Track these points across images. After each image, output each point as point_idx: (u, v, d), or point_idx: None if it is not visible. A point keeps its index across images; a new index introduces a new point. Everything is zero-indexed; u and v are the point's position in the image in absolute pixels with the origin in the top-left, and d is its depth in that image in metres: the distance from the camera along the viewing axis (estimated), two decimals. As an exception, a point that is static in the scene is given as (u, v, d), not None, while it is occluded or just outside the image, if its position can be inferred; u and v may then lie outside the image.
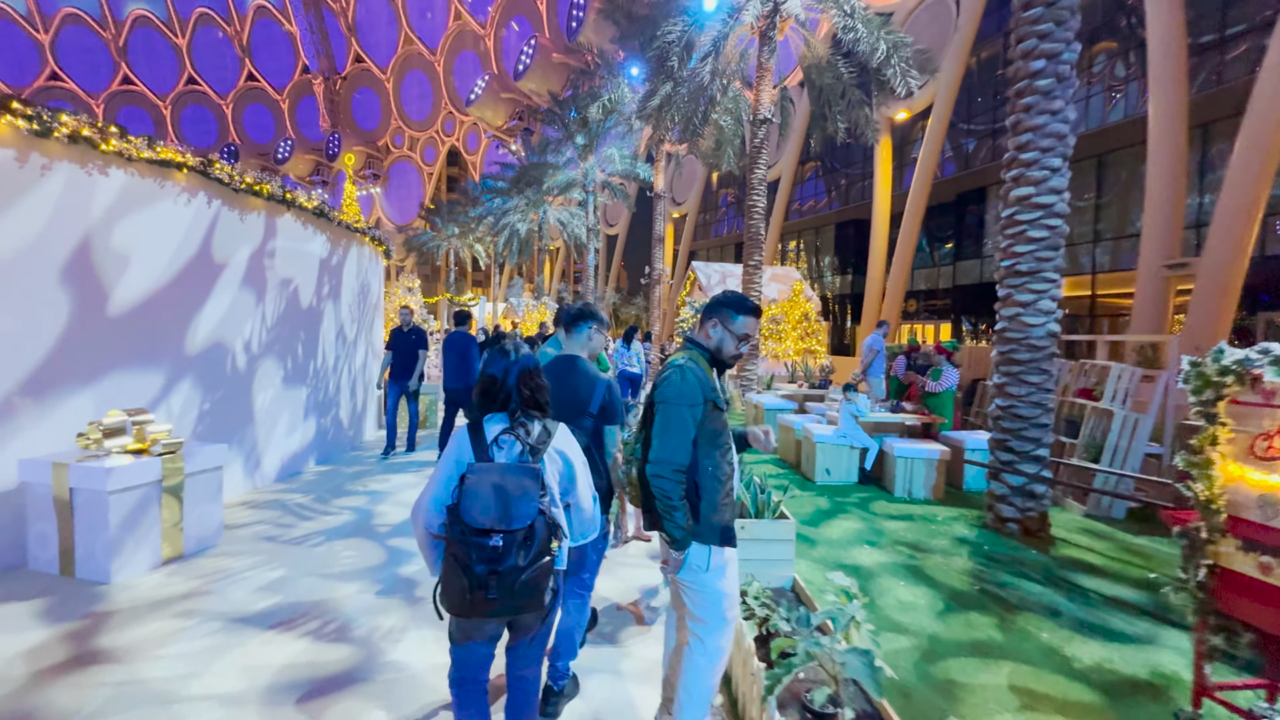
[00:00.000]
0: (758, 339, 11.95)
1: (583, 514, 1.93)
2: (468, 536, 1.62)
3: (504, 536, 1.61)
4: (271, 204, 5.59)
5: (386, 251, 9.03)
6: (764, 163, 11.59)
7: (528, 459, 1.76)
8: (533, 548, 1.64)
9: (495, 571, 1.60)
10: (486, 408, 1.84)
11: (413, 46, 58.46)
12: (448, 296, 33.37)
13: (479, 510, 1.62)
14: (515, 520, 1.62)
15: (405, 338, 6.95)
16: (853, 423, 6.03)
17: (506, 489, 1.64)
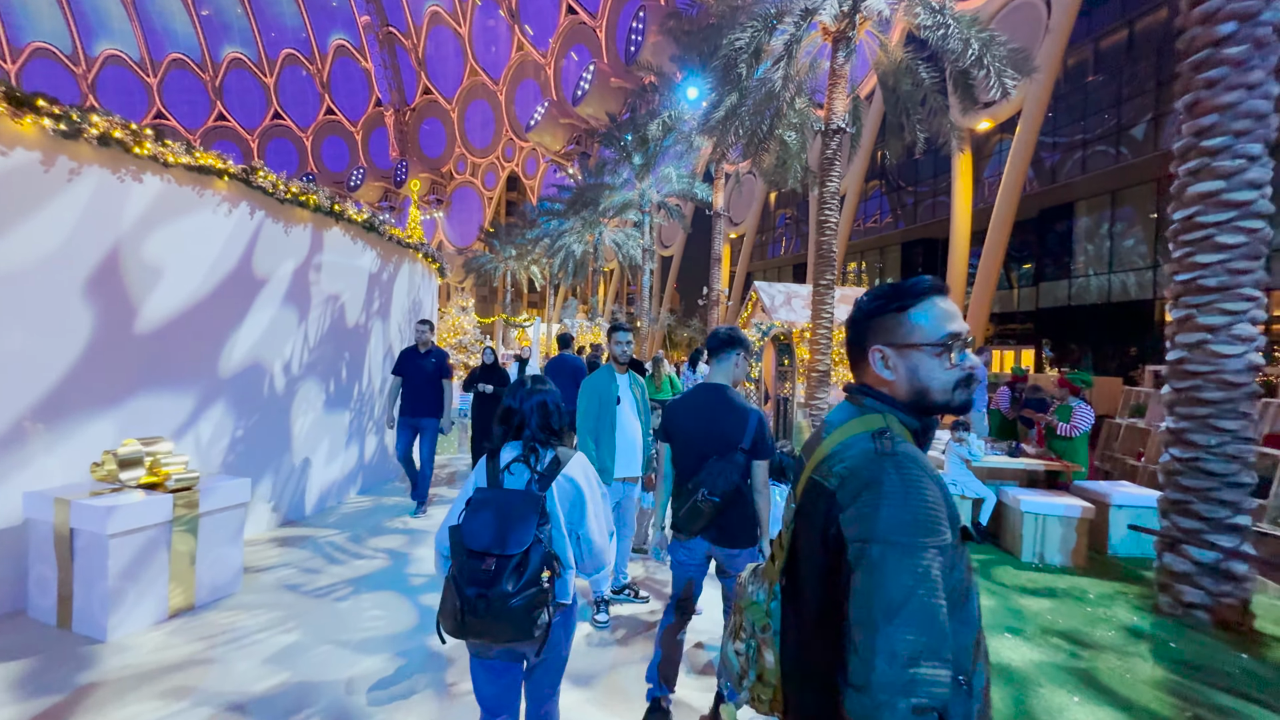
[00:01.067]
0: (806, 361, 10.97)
1: (592, 547, 1.85)
2: (463, 559, 1.63)
3: (497, 561, 1.61)
4: (318, 216, 5.25)
5: (441, 269, 8.72)
6: (836, 175, 10.74)
7: (535, 486, 1.76)
8: (524, 575, 1.61)
9: (484, 595, 1.58)
10: (505, 436, 1.87)
11: (477, 78, 60.82)
12: (504, 317, 33.68)
13: (476, 533, 1.64)
14: (509, 545, 1.62)
15: (421, 362, 5.30)
16: (963, 468, 5.08)
17: (504, 514, 1.66)
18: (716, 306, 17.55)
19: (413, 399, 5.31)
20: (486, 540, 1.63)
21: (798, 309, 13.81)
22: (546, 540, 1.68)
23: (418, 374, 5.30)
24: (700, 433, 2.45)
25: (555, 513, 1.76)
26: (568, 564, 1.81)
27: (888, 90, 11.82)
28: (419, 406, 5.31)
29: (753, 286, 14.56)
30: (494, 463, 1.82)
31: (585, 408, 3.59)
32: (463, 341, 9.80)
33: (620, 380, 3.66)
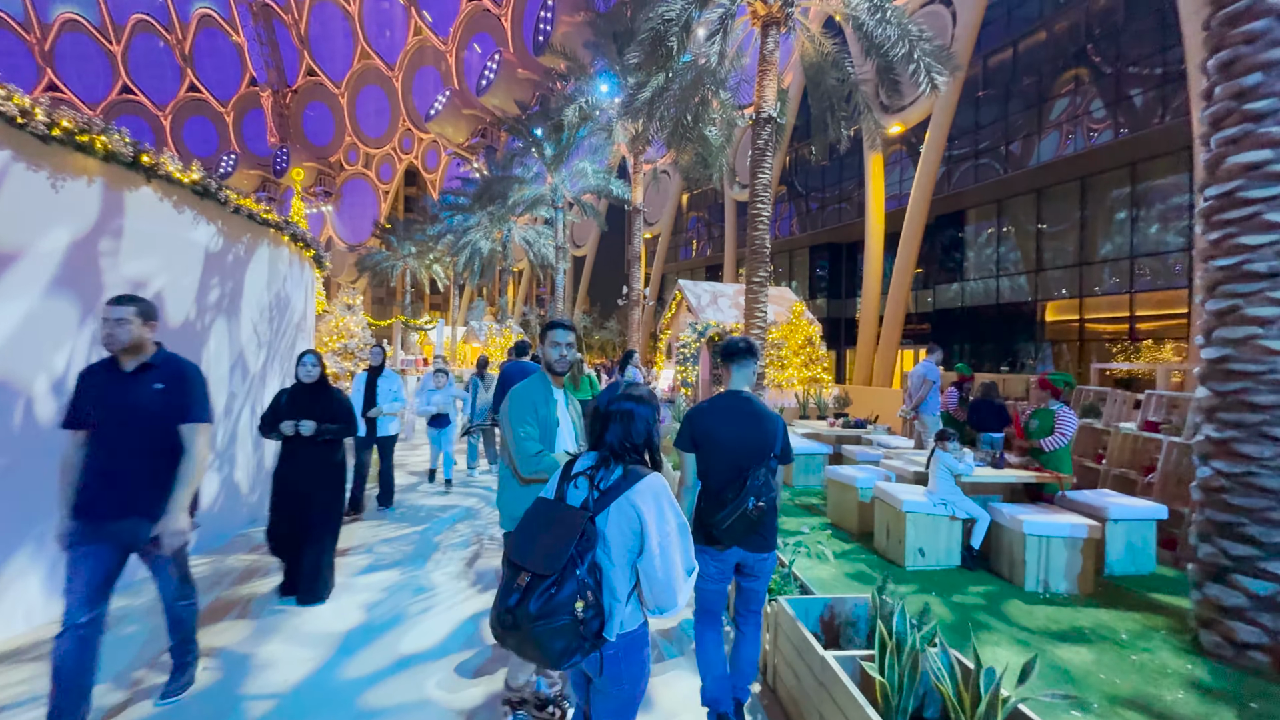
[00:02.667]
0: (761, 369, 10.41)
1: (654, 583, 1.61)
2: (506, 567, 1.62)
3: (531, 577, 1.54)
4: (114, 169, 3.69)
5: (318, 257, 7.09)
6: (768, 166, 10.20)
7: (591, 506, 1.64)
8: (553, 599, 1.50)
9: (510, 610, 1.53)
10: (590, 444, 1.79)
11: (370, 61, 56.33)
12: (402, 319, 30.96)
13: (518, 544, 1.61)
14: (542, 564, 1.53)
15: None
16: (953, 484, 4.44)
17: (547, 530, 1.59)
18: (637, 307, 16.71)
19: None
20: (522, 553, 1.58)
21: (724, 308, 13.26)
22: (587, 567, 1.56)
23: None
24: (737, 441, 2.42)
25: (608, 538, 1.62)
26: (617, 597, 1.63)
27: (814, 85, 11.47)
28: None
29: (677, 286, 13.87)
30: (566, 472, 1.76)
31: (514, 424, 2.46)
32: (349, 346, 8.15)
33: (557, 395, 2.63)
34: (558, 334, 2.60)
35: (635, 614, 1.66)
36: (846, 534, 5.29)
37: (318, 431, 3.64)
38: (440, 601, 3.76)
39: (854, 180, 22.91)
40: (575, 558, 1.53)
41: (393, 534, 5.14)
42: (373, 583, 4.05)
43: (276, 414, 3.68)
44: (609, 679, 1.64)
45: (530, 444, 2.40)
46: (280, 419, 3.65)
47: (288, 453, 3.72)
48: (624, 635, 1.62)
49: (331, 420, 3.71)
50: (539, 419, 2.46)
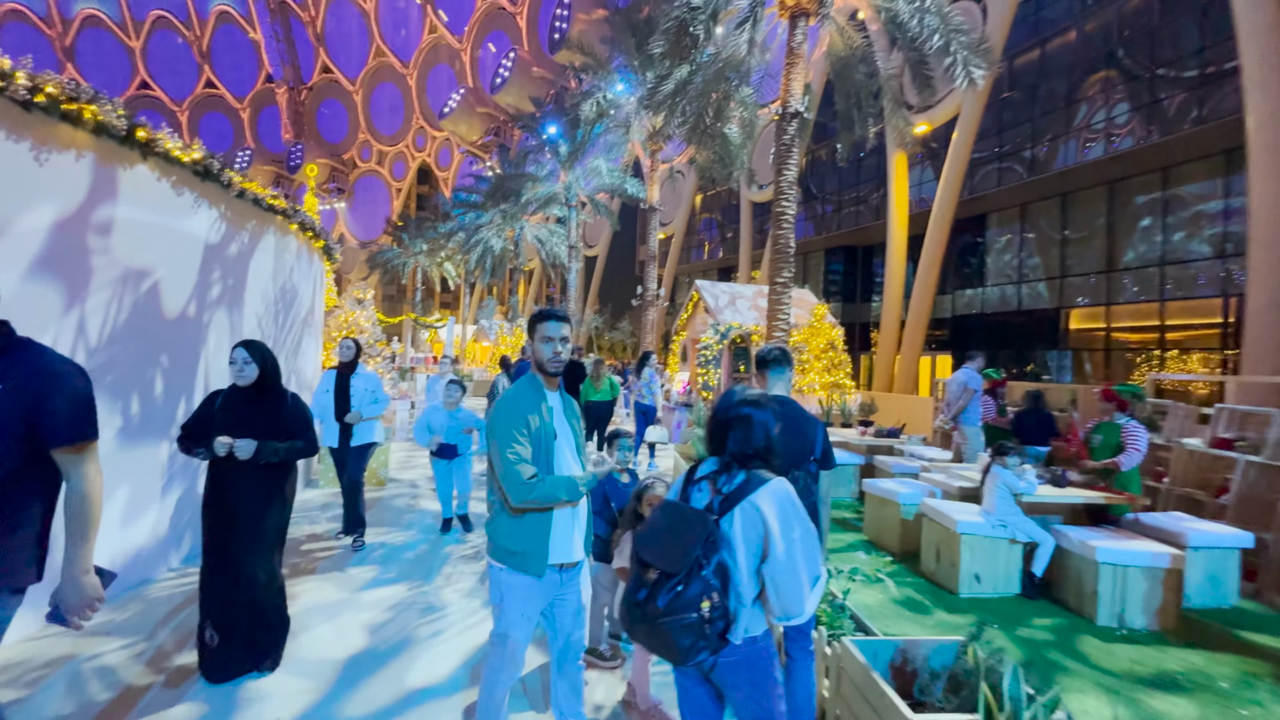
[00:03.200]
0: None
1: (779, 588, 1.61)
2: (635, 564, 1.67)
3: (659, 575, 1.59)
4: (106, 143, 3.38)
5: (328, 248, 6.80)
6: (793, 163, 9.82)
7: (715, 509, 1.66)
8: (679, 598, 1.55)
9: (639, 604, 1.59)
10: (710, 449, 1.81)
11: (384, 59, 56.46)
12: (412, 317, 30.80)
13: (647, 541, 1.66)
14: (669, 563, 1.58)
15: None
16: (1013, 503, 4.05)
17: (673, 530, 1.63)
18: (652, 307, 16.36)
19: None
20: (651, 551, 1.63)
21: (743, 310, 12.88)
22: (712, 569, 1.58)
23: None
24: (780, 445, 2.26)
25: (734, 542, 1.63)
26: (742, 601, 1.62)
27: (841, 80, 11.09)
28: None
29: (694, 286, 13.51)
30: (690, 476, 1.79)
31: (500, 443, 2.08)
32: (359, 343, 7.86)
33: (552, 401, 2.22)
34: (549, 326, 2.16)
35: (759, 620, 1.66)
36: (886, 553, 4.90)
37: (260, 453, 2.68)
38: (451, 624, 3.42)
39: (872, 182, 22.44)
40: (701, 558, 1.56)
41: (400, 541, 4.81)
42: (378, 600, 3.72)
43: (203, 424, 2.73)
44: (727, 685, 1.66)
45: (521, 467, 2.03)
46: (209, 431, 2.70)
47: (218, 479, 2.73)
48: (747, 640, 1.63)
49: (280, 436, 2.76)
50: (531, 434, 2.09)
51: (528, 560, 2.11)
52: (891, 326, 17.42)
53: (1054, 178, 16.43)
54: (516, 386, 2.20)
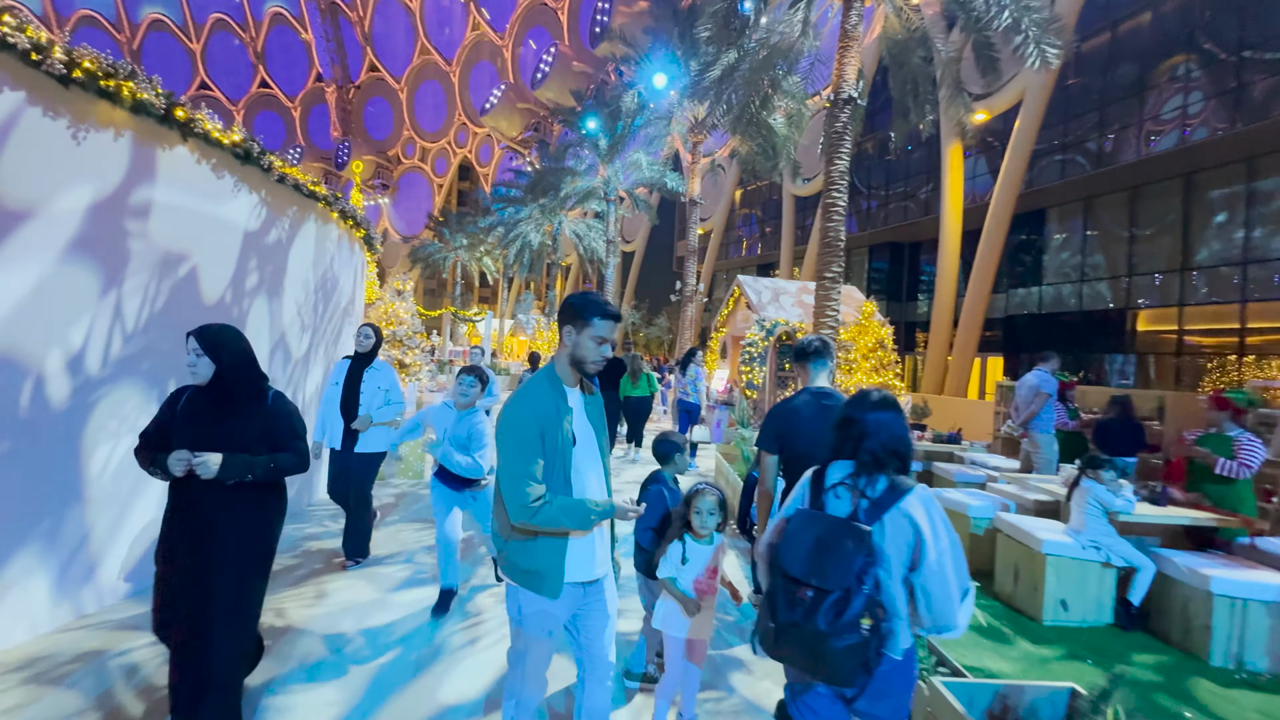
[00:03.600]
0: (833, 370, 9.57)
1: (932, 600, 1.52)
2: (779, 579, 1.57)
3: (815, 592, 1.49)
4: (144, 122, 3.28)
5: (369, 238, 6.73)
6: (846, 152, 9.34)
7: (862, 517, 1.55)
8: (842, 617, 1.45)
9: (796, 625, 1.49)
10: (835, 454, 1.71)
11: (429, 57, 57.45)
12: (452, 310, 31.20)
13: (793, 556, 1.55)
14: (828, 579, 1.47)
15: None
16: (1106, 523, 3.61)
17: (824, 543, 1.52)
18: (691, 303, 16.02)
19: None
20: (804, 567, 1.52)
21: (786, 306, 12.42)
22: (872, 584, 1.48)
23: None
24: (825, 439, 2.10)
25: (884, 551, 1.52)
26: (898, 614, 1.54)
27: (897, 65, 10.53)
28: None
29: (735, 281, 13.11)
30: (818, 480, 1.70)
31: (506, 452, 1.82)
32: (397, 334, 7.79)
33: (573, 401, 1.92)
34: (603, 326, 1.85)
35: (908, 634, 1.59)
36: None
37: (227, 469, 2.03)
38: (487, 634, 3.22)
39: (921, 176, 21.53)
40: (861, 573, 1.48)
41: (427, 535, 4.65)
42: (411, 601, 3.55)
43: (165, 432, 2.15)
44: (873, 697, 1.55)
45: (529, 486, 1.75)
46: (168, 441, 2.09)
47: (178, 507, 2.13)
48: (905, 652, 1.57)
49: (257, 447, 2.12)
50: (546, 443, 1.81)
51: (542, 580, 1.84)
52: (942, 326, 16.62)
53: (1122, 170, 15.38)
54: (531, 384, 1.88)
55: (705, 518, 2.40)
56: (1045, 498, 4.44)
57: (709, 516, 2.40)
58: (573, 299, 1.87)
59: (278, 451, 2.18)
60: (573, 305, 1.86)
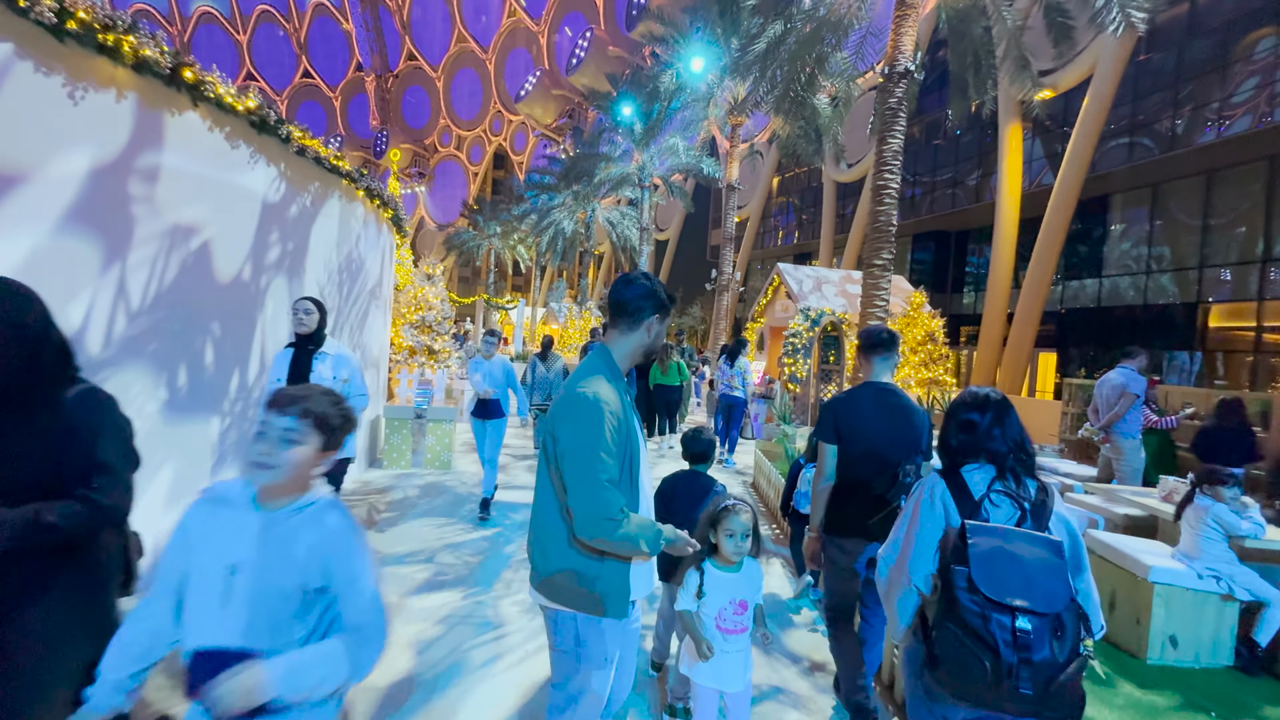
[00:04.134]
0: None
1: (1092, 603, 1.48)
2: (987, 610, 1.33)
3: (1033, 619, 1.30)
4: (150, 83, 3.04)
5: (396, 218, 6.49)
6: (900, 130, 8.72)
7: (1030, 524, 1.46)
8: (1067, 641, 1.31)
9: (1028, 661, 1.28)
10: (964, 455, 1.56)
11: (465, 45, 57.62)
12: (485, 298, 31.30)
13: (1001, 580, 1.33)
14: (1048, 601, 1.32)
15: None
16: (1227, 548, 3.09)
17: (1029, 560, 1.36)
18: (727, 292, 15.51)
19: None
20: (1016, 589, 1.32)
21: (829, 295, 11.84)
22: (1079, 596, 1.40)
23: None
24: (884, 434, 2.29)
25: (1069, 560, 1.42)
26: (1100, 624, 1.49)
27: (955, 36, 9.79)
28: None
29: (775, 269, 12.57)
30: (961, 489, 1.52)
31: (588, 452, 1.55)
32: (427, 319, 7.56)
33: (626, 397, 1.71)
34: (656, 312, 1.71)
35: None
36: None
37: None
38: (511, 648, 2.91)
39: (970, 160, 20.43)
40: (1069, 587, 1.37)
41: (459, 537, 4.38)
42: (429, 607, 3.27)
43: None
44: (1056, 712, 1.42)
45: (607, 493, 1.50)
46: None
47: None
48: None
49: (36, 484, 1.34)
50: (621, 442, 1.58)
51: (608, 601, 1.58)
52: (996, 319, 15.69)
53: (1195, 153, 14.17)
54: (594, 372, 1.63)
55: (737, 541, 1.97)
56: (1137, 512, 3.91)
57: (741, 540, 1.97)
58: (660, 287, 1.70)
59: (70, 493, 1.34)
60: (662, 294, 1.70)
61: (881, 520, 2.21)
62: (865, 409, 2.36)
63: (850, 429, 2.34)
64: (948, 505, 1.52)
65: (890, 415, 2.32)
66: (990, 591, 1.32)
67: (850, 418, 2.35)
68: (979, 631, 1.32)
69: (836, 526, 2.35)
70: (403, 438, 6.18)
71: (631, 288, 1.66)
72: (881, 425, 2.31)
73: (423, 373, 7.25)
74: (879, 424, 2.31)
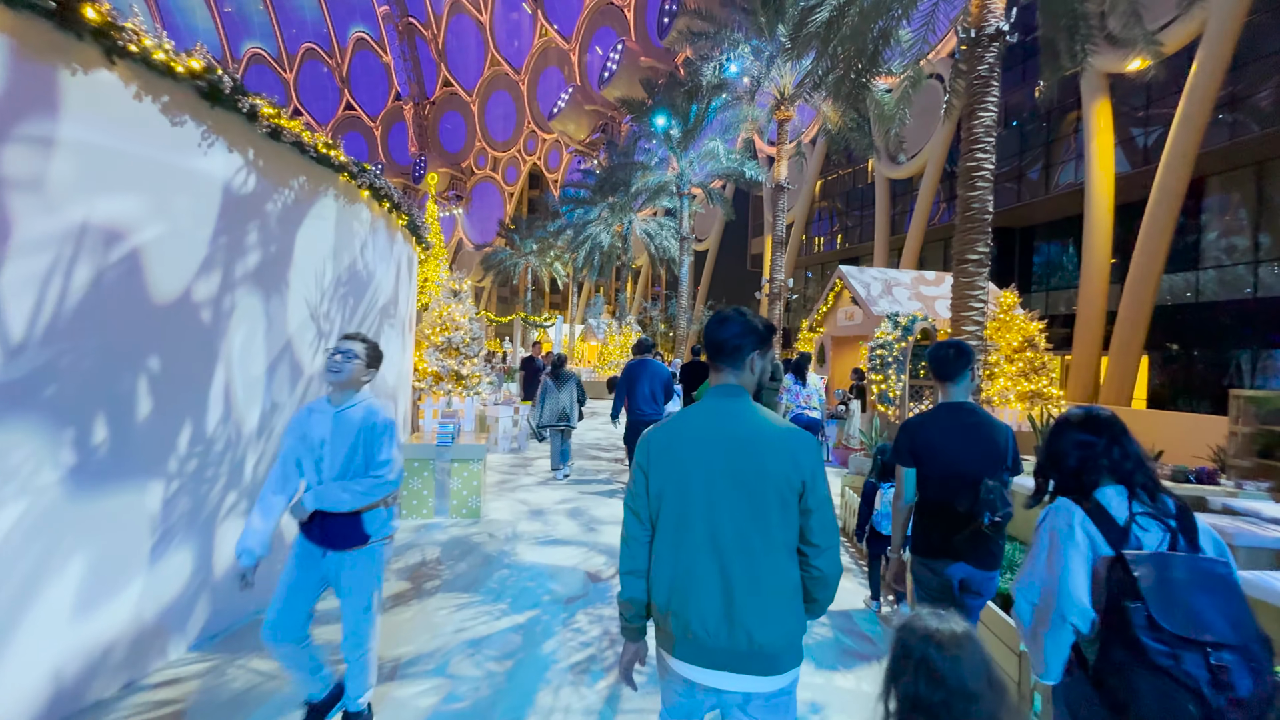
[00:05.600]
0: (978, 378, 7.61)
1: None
2: (1177, 649, 1.21)
3: (1227, 653, 1.19)
4: (37, 27, 2.16)
5: (412, 225, 5.62)
6: (992, 102, 7.44)
7: (1183, 545, 1.35)
8: (1264, 672, 1.18)
9: (1235, 701, 1.17)
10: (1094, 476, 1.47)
11: (499, 68, 58.46)
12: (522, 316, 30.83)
13: (1186, 614, 1.23)
14: (1237, 631, 1.21)
15: None
16: None
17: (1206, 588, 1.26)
18: (779, 300, 14.26)
19: None
20: (1204, 622, 1.21)
21: (901, 299, 10.50)
22: None
23: None
24: (964, 453, 2.25)
25: None
26: None
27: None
28: None
29: (837, 273, 11.33)
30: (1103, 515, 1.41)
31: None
32: (453, 340, 6.66)
33: None
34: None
35: None
36: None
37: None
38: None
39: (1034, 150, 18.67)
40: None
41: (483, 627, 3.32)
42: None
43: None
44: None
45: None
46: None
47: None
48: None
49: None
50: None
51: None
52: (1093, 319, 13.83)
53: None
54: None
55: None
56: None
57: None
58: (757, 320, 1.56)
59: None
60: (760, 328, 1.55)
61: (969, 537, 2.20)
62: (942, 429, 2.30)
63: (928, 451, 2.29)
64: (1091, 534, 1.41)
65: (968, 433, 2.27)
66: (1177, 628, 1.21)
67: (927, 439, 2.30)
68: (1173, 673, 1.20)
69: (923, 547, 2.33)
70: (423, 481, 5.24)
71: (727, 326, 1.54)
72: (960, 444, 2.26)
73: (449, 402, 6.33)
74: (957, 442, 2.26)
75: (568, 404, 6.70)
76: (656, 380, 5.62)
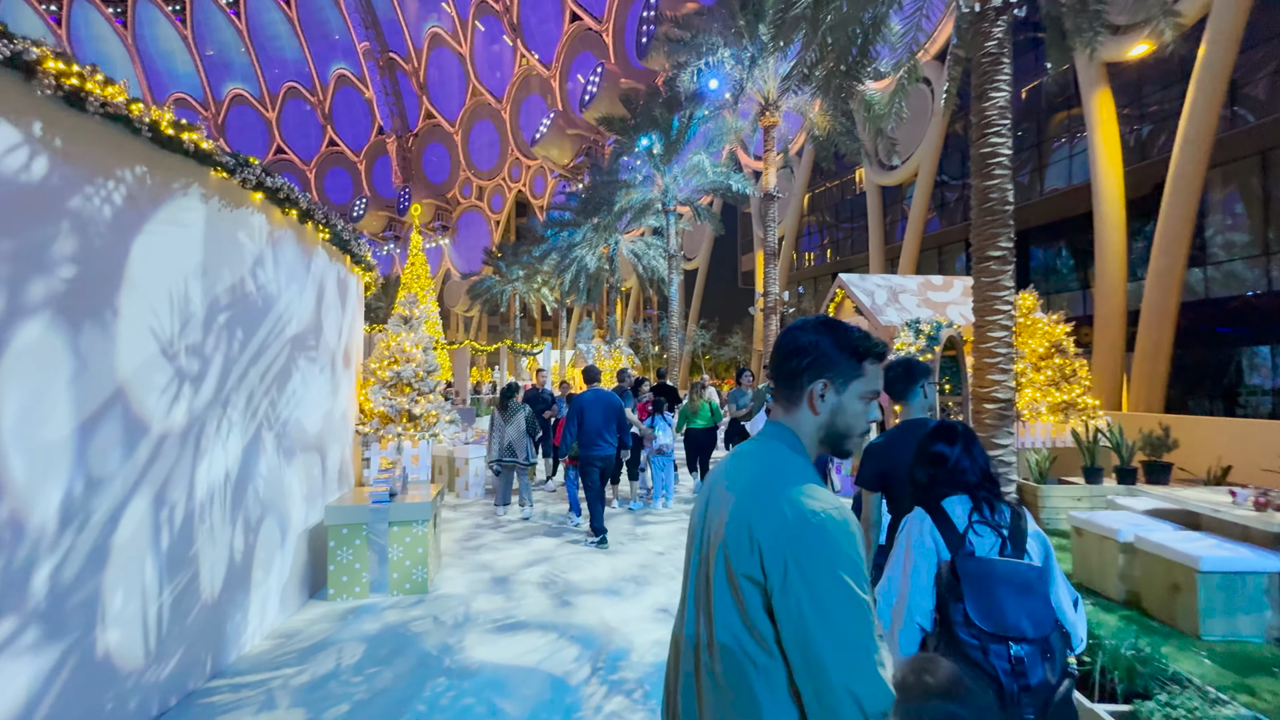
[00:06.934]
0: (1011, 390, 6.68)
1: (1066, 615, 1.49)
2: (985, 642, 1.40)
3: (1026, 646, 1.38)
4: None
5: (338, 239, 4.68)
6: (1004, 81, 6.68)
7: (1010, 550, 1.50)
8: (1055, 661, 1.40)
9: (1027, 687, 1.35)
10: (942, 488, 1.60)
11: (480, 98, 58.54)
12: (509, 344, 29.92)
13: (996, 612, 1.40)
14: (1036, 626, 1.40)
15: None
16: None
17: (1016, 588, 1.43)
18: (774, 314, 13.40)
19: None
20: (1009, 620, 1.39)
21: (910, 307, 9.62)
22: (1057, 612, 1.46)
23: None
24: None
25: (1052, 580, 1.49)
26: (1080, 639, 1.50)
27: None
28: None
29: (838, 282, 10.48)
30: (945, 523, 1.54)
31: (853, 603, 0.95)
32: (402, 375, 5.65)
33: None
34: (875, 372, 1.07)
35: None
36: None
37: None
38: None
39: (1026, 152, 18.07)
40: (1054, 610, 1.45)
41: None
42: None
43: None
44: None
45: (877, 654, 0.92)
46: None
47: None
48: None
49: None
50: None
51: None
52: (1112, 318, 12.93)
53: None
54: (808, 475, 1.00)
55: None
56: None
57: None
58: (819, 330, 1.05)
59: None
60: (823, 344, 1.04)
61: None
62: (905, 448, 2.04)
63: (894, 473, 2.24)
64: (937, 540, 1.53)
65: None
66: (987, 625, 1.37)
67: (892, 461, 2.25)
68: (981, 664, 1.37)
69: None
70: (355, 552, 4.21)
71: (788, 338, 1.17)
72: None
73: (398, 447, 5.34)
74: None
75: (514, 437, 6.07)
76: (610, 411, 5.10)
